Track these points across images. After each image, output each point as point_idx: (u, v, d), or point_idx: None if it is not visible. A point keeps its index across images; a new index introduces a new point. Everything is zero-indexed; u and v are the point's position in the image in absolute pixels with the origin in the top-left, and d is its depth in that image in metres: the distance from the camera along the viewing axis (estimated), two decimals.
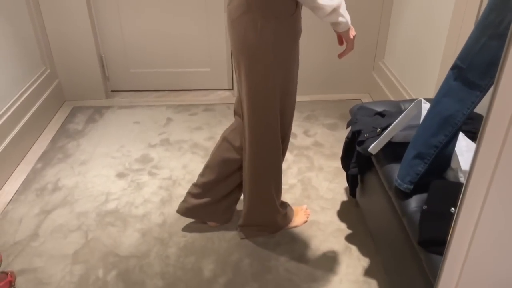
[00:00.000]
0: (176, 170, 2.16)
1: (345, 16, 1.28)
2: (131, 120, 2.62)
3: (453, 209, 1.14)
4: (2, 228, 1.80)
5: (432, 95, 2.03)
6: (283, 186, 1.72)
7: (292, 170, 2.15)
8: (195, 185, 1.71)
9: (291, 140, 2.39)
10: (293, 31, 1.34)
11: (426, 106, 1.32)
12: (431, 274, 1.11)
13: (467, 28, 1.68)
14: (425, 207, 1.17)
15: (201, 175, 1.69)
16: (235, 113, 1.62)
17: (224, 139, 1.64)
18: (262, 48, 1.31)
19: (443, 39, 1.92)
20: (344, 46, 1.41)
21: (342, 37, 1.38)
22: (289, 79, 1.42)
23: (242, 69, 1.38)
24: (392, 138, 1.45)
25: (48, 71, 2.62)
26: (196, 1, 2.67)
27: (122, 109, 2.75)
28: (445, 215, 1.15)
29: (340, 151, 2.33)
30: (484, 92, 1.17)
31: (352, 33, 1.36)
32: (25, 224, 1.82)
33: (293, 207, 1.84)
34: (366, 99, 2.83)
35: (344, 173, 2.08)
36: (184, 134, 2.47)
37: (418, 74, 2.23)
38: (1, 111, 2.11)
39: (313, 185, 2.04)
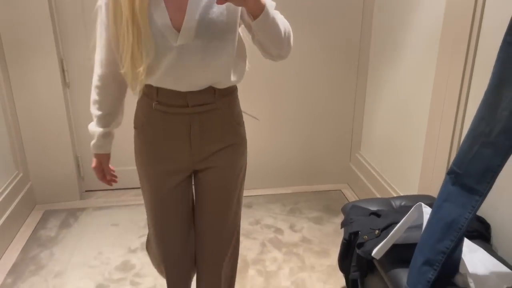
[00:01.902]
0: (160, 277, 2.03)
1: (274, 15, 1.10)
2: (108, 223, 2.50)
3: None
4: None
5: (416, 191, 2.08)
6: None
7: (284, 271, 2.07)
8: None
9: (279, 237, 2.34)
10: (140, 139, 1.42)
11: (426, 210, 1.34)
12: None
13: (446, 126, 1.78)
14: None
15: None
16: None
17: None
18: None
19: (421, 137, 2.01)
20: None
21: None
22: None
23: None
24: None
25: (21, 174, 2.51)
26: None
27: (97, 211, 2.63)
28: None
29: (328, 247, 2.33)
30: (483, 196, 1.20)
31: None
32: None
33: None
34: (346, 190, 2.87)
35: (337, 272, 2.03)
36: None
37: (398, 169, 2.30)
38: None
39: (307, 287, 1.96)
